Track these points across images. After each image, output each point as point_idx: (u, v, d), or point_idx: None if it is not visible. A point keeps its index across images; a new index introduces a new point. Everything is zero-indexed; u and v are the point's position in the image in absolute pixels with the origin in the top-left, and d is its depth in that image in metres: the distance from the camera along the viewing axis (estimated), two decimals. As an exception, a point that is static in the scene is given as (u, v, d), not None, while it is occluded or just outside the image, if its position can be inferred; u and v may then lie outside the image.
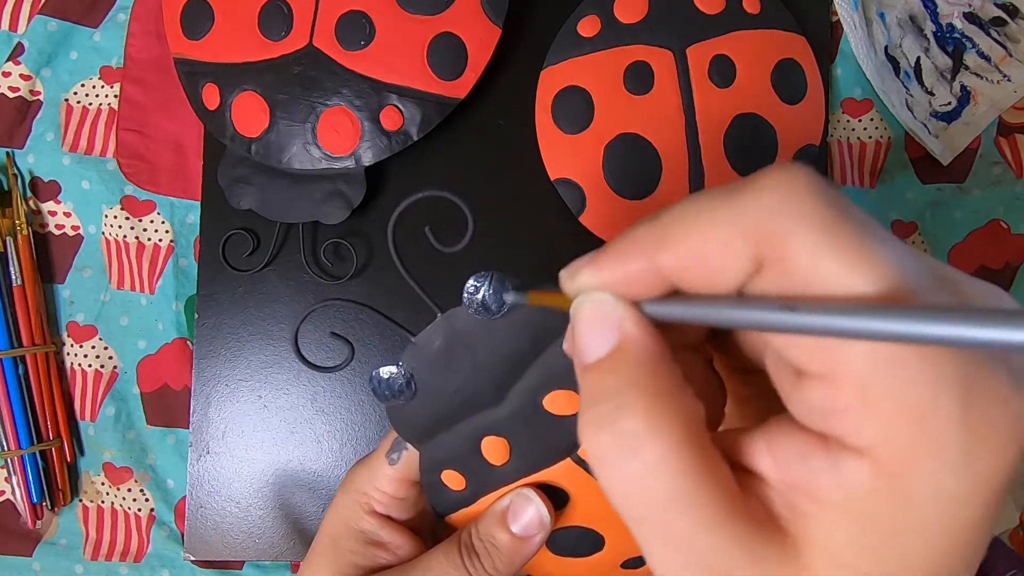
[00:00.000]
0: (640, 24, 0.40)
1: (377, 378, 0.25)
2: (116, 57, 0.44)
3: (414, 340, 0.25)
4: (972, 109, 0.44)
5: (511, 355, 0.24)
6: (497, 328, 0.24)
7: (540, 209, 0.41)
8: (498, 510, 0.27)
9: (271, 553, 0.41)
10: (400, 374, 0.25)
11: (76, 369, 0.43)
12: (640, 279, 0.17)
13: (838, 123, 0.44)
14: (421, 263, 0.28)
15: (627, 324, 0.17)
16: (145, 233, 0.43)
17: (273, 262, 0.41)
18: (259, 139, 0.39)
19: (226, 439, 0.41)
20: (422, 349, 0.25)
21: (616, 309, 0.17)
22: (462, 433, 0.26)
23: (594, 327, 0.17)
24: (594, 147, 0.40)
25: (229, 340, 0.41)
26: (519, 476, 0.27)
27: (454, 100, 0.39)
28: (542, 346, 0.24)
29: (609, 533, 0.29)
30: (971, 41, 0.44)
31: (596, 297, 0.17)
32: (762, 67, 0.40)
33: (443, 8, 0.38)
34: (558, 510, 0.28)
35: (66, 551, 0.42)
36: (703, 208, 0.16)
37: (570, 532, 0.29)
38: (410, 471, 0.28)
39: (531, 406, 0.25)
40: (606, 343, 0.17)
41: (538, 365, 0.24)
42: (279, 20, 0.39)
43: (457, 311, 0.24)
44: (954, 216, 0.44)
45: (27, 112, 0.44)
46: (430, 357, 0.25)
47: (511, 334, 0.24)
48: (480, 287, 0.23)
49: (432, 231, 0.24)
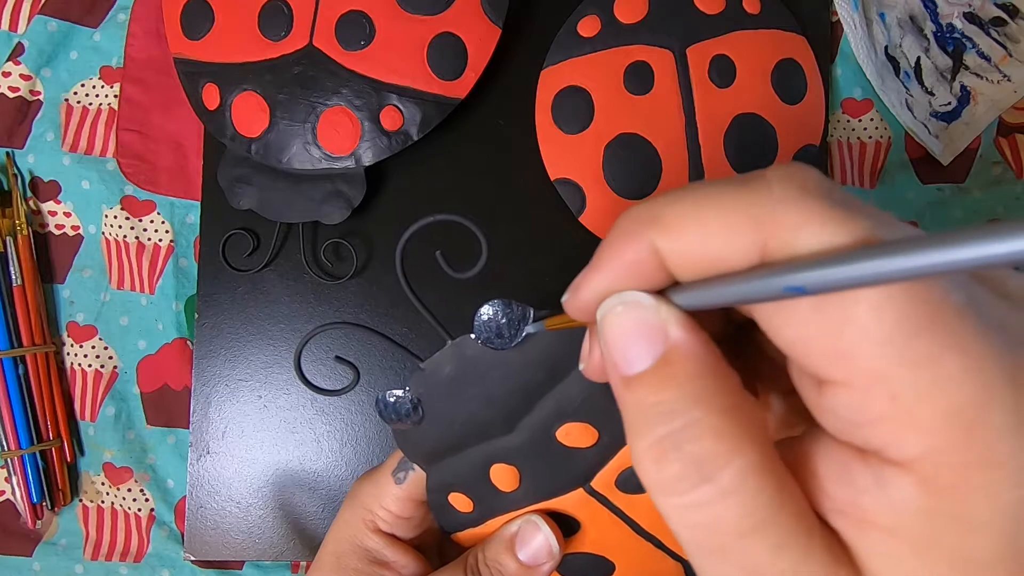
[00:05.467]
0: (640, 24, 0.40)
1: (383, 401, 0.25)
2: (116, 57, 0.44)
3: (422, 366, 0.24)
4: (972, 109, 0.44)
5: (524, 386, 0.23)
6: (510, 359, 0.23)
7: (540, 209, 0.41)
8: (506, 536, 0.27)
9: (271, 553, 0.41)
10: (407, 399, 0.24)
11: (76, 369, 0.43)
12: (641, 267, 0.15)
13: (838, 123, 0.44)
14: (426, 278, 0.27)
15: (673, 329, 0.15)
16: (145, 233, 0.43)
17: (273, 262, 0.41)
18: (259, 139, 0.39)
19: (226, 439, 0.41)
20: (430, 376, 0.24)
21: (657, 311, 0.15)
22: (470, 458, 0.26)
23: (631, 335, 0.15)
24: (594, 147, 0.40)
25: (229, 340, 0.41)
26: (528, 503, 0.27)
27: (454, 100, 0.39)
28: (558, 378, 0.23)
29: (620, 561, 0.28)
30: (971, 41, 0.44)
31: (628, 298, 0.15)
32: (762, 67, 0.40)
33: (443, 8, 0.38)
34: (568, 537, 0.27)
35: (66, 551, 0.42)
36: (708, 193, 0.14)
37: (580, 558, 0.28)
38: (416, 491, 0.28)
39: (544, 437, 0.24)
40: (650, 352, 0.15)
41: (552, 396, 0.24)
42: (279, 20, 0.39)
43: (468, 339, 0.23)
44: (954, 216, 0.44)
45: (27, 112, 0.44)
46: (439, 384, 0.24)
47: (525, 365, 0.23)
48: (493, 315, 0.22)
49: (443, 255, 0.23)
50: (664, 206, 0.15)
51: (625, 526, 0.27)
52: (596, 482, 0.26)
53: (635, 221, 0.15)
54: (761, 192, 0.14)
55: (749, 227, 0.14)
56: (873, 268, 0.12)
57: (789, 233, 0.13)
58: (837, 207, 0.13)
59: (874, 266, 0.12)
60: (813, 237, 0.13)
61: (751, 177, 0.14)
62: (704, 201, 0.14)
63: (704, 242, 0.14)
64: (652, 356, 0.15)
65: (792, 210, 0.13)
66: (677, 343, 0.15)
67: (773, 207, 0.13)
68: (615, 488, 0.26)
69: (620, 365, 0.15)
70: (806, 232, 0.13)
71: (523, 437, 0.25)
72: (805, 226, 0.13)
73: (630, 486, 0.26)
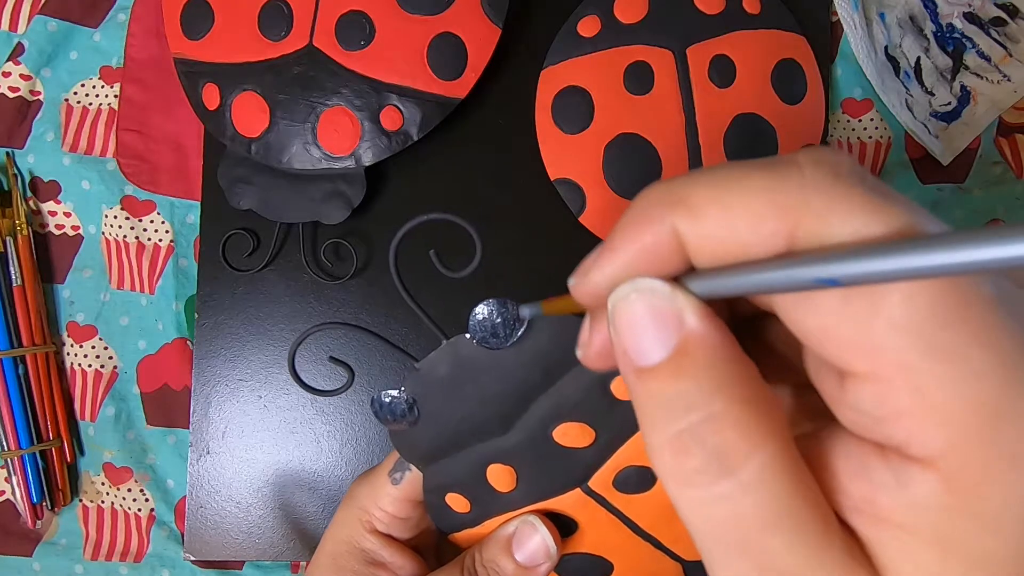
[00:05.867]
0: (640, 24, 0.40)
1: (379, 402, 0.24)
2: (116, 57, 0.44)
3: (417, 366, 0.24)
4: (972, 109, 0.44)
5: (520, 386, 0.23)
6: (505, 358, 0.23)
7: (540, 209, 0.41)
8: (503, 536, 0.26)
9: (271, 553, 0.41)
10: (403, 399, 0.24)
11: (76, 369, 0.43)
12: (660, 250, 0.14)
13: (838, 123, 0.44)
14: (423, 278, 0.27)
15: (689, 317, 0.14)
16: (145, 233, 0.43)
17: (273, 262, 0.41)
18: (259, 139, 0.39)
19: (226, 439, 0.41)
20: (426, 376, 0.24)
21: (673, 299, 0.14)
22: (467, 459, 0.25)
23: (646, 324, 0.14)
24: (594, 147, 0.40)
25: (229, 340, 0.41)
26: (526, 503, 0.26)
27: (454, 100, 0.39)
28: (554, 378, 0.23)
29: (618, 561, 0.28)
30: (971, 41, 0.44)
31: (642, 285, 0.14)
32: (762, 67, 0.40)
33: (443, 8, 0.38)
34: (565, 537, 0.27)
35: (66, 551, 0.43)
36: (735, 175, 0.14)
37: (578, 558, 0.28)
38: (413, 491, 0.28)
39: (540, 437, 0.24)
40: (665, 342, 0.14)
41: (548, 396, 0.24)
42: (279, 20, 0.39)
43: (463, 338, 0.23)
44: (954, 216, 0.44)
45: (27, 112, 0.44)
46: (434, 384, 0.24)
47: (521, 365, 0.23)
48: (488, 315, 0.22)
49: (437, 254, 0.23)
50: (689, 187, 0.14)
51: (623, 526, 0.27)
52: (594, 482, 0.26)
53: (656, 203, 0.14)
54: (792, 177, 0.13)
55: (777, 213, 0.13)
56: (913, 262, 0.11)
57: (820, 220, 0.13)
58: (872, 194, 0.13)
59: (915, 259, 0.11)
60: (847, 225, 0.12)
61: (780, 160, 0.13)
62: (731, 184, 0.13)
63: (729, 227, 0.13)
64: (668, 346, 0.14)
65: (824, 197, 0.13)
66: (694, 331, 0.14)
67: (804, 193, 0.13)
68: (613, 488, 0.26)
69: (633, 356, 0.14)
70: (838, 220, 0.13)
71: (519, 437, 0.24)
72: (838, 213, 0.13)
73: (628, 486, 0.26)
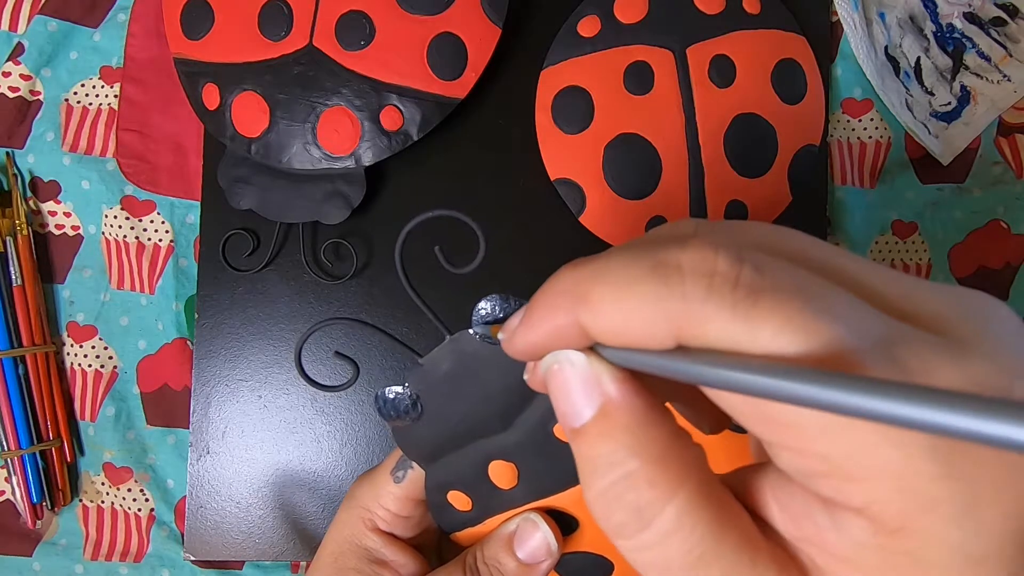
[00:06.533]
0: (640, 24, 0.40)
1: (382, 397, 0.24)
2: (116, 57, 0.44)
3: (421, 362, 0.24)
4: (972, 109, 0.44)
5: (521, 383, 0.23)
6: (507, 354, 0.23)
7: (540, 209, 0.41)
8: (504, 534, 0.27)
9: (271, 553, 0.41)
10: (406, 395, 0.24)
11: (76, 369, 0.43)
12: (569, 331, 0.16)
13: (838, 123, 0.44)
14: (426, 275, 0.27)
15: (607, 384, 0.16)
16: (145, 233, 0.43)
17: (273, 262, 0.41)
18: (259, 139, 0.39)
19: (226, 439, 0.41)
20: (429, 372, 0.24)
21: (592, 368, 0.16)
22: (469, 456, 0.25)
23: (572, 390, 0.16)
24: (594, 147, 0.40)
25: (229, 340, 0.41)
26: (527, 500, 0.26)
27: (454, 100, 0.39)
28: None
29: (618, 559, 0.28)
30: (971, 41, 0.44)
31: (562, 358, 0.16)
32: (762, 67, 0.40)
33: (443, 8, 0.38)
34: (566, 535, 0.27)
35: (66, 551, 0.42)
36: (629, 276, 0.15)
37: (578, 557, 0.28)
38: (415, 490, 0.28)
39: (541, 434, 0.24)
40: (590, 405, 0.16)
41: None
42: (279, 20, 0.39)
43: (466, 334, 0.23)
44: (954, 216, 0.44)
45: (27, 112, 0.44)
46: (437, 380, 0.24)
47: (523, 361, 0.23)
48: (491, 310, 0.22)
49: (441, 250, 0.23)
50: (593, 283, 0.15)
51: None
52: None
53: (563, 293, 0.16)
54: (675, 287, 0.14)
55: (666, 318, 0.14)
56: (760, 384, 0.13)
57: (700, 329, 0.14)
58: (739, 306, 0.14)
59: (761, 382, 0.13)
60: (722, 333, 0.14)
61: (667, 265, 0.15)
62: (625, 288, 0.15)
63: (624, 325, 0.15)
64: (591, 408, 0.16)
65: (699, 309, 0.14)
66: (612, 397, 0.16)
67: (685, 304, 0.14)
68: None
69: (568, 417, 0.16)
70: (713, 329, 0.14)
71: (521, 434, 0.25)
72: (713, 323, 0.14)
73: None
